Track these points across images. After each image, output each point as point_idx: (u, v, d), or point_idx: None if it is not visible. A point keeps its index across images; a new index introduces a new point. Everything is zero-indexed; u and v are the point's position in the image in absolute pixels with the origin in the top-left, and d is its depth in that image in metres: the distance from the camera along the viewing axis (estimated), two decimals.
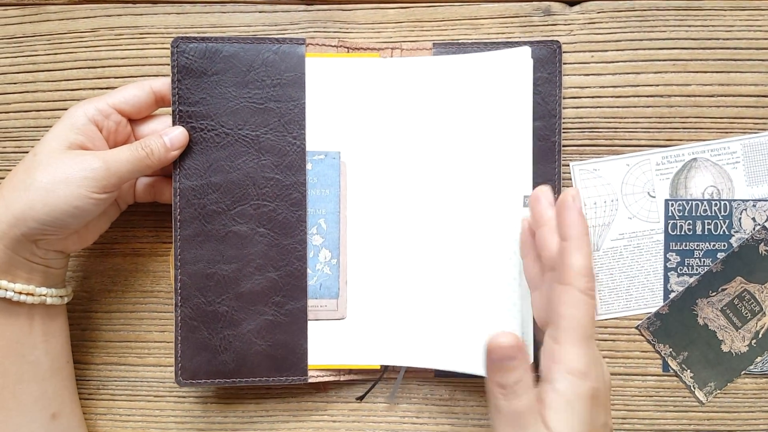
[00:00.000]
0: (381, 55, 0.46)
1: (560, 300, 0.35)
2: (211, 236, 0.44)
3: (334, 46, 0.46)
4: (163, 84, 0.44)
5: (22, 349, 0.41)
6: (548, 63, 0.46)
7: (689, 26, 0.47)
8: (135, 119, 0.45)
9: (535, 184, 0.45)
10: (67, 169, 0.39)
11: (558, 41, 0.46)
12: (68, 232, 0.41)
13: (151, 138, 0.42)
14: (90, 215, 0.41)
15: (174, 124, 0.44)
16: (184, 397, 0.48)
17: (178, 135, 0.43)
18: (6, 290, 0.40)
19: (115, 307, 0.48)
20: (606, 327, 0.47)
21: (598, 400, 0.34)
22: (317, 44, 0.45)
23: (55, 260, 0.43)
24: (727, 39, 0.47)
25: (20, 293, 0.40)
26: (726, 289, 0.47)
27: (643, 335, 0.47)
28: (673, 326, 0.47)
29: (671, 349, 0.47)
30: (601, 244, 0.47)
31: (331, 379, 0.46)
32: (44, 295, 0.42)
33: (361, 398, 0.47)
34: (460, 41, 0.47)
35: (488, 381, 0.35)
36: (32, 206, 0.39)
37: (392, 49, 0.46)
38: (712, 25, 0.47)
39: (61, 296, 0.43)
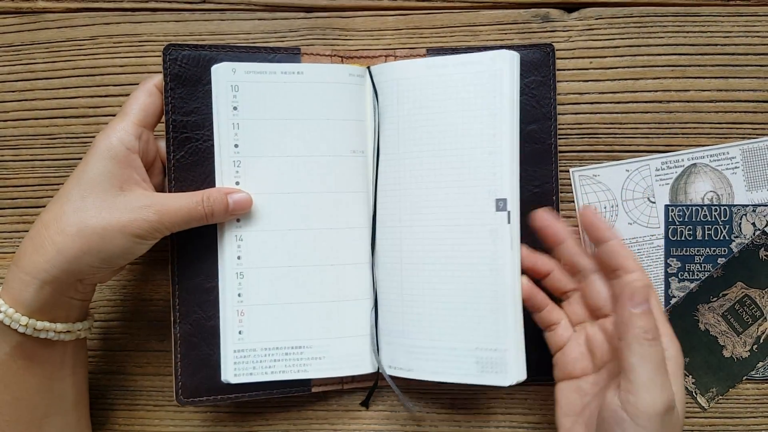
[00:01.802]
0: (375, 62, 0.46)
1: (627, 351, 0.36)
2: (210, 249, 0.43)
3: (328, 55, 0.45)
4: (162, 81, 0.42)
5: (53, 384, 0.41)
6: (542, 66, 0.45)
7: (687, 32, 0.47)
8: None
9: (532, 187, 0.45)
10: (122, 217, 0.38)
11: (551, 44, 0.45)
12: (115, 269, 0.42)
13: (213, 195, 0.41)
14: (138, 255, 0.40)
15: (167, 134, 0.42)
16: (183, 406, 0.47)
17: (241, 200, 0.42)
18: (48, 331, 0.39)
19: (113, 316, 0.48)
20: None
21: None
22: (311, 54, 0.45)
23: (91, 292, 0.42)
24: (726, 45, 0.47)
25: (60, 332, 0.40)
26: (727, 294, 0.47)
27: None
28: (675, 332, 0.46)
29: None
30: None
31: (335, 388, 0.46)
32: (80, 330, 0.41)
33: (365, 404, 0.47)
34: (453, 47, 0.47)
35: (629, 333, 0.36)
36: (88, 252, 0.38)
37: (386, 56, 0.46)
38: (711, 31, 0.47)
39: (88, 328, 0.42)
